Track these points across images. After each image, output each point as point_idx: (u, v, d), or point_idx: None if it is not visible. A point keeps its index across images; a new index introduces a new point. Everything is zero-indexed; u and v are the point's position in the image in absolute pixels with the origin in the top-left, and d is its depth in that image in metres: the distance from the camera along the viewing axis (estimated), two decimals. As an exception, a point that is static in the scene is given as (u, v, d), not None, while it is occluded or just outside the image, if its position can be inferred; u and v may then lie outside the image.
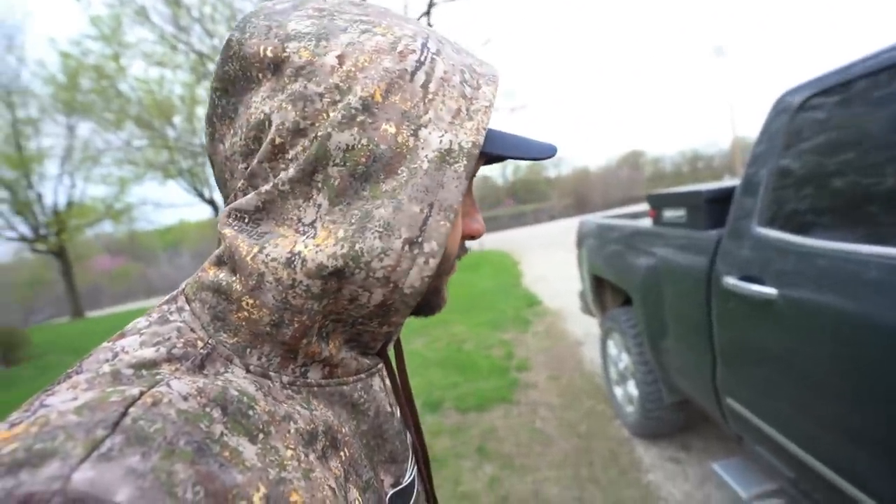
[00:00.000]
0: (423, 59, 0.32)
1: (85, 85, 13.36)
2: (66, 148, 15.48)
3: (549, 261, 9.90)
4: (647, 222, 2.48)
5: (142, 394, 0.25)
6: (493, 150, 0.35)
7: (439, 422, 3.14)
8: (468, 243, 0.43)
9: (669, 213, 2.04)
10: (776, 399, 1.34)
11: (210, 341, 0.32)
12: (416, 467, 0.46)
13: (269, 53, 0.31)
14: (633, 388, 2.49)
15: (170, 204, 33.13)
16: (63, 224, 15.24)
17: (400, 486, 0.42)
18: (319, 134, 0.30)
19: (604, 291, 2.99)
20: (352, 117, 0.30)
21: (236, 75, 0.32)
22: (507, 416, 3.10)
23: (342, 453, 0.34)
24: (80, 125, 14.74)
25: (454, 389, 3.63)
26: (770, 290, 1.29)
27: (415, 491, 0.44)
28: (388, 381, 0.45)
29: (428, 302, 0.39)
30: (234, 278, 0.32)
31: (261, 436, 0.28)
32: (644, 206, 3.17)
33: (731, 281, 1.47)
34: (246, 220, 0.32)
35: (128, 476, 0.21)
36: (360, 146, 0.30)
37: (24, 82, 15.33)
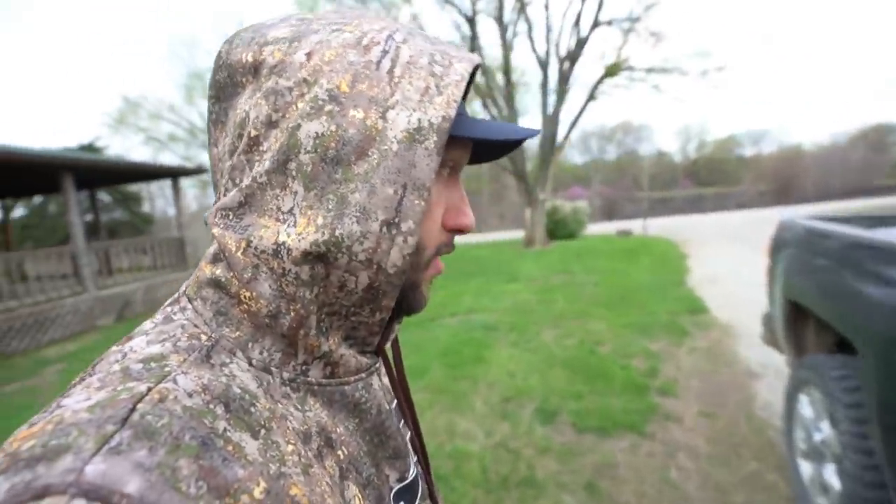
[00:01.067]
0: (387, 48, 0.33)
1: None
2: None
3: (727, 259, 8.18)
4: (903, 235, 1.58)
5: (149, 390, 0.26)
6: (464, 132, 0.35)
7: (549, 437, 2.72)
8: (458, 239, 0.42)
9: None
10: None
11: (213, 335, 0.33)
12: (418, 464, 0.47)
13: (249, 59, 0.33)
14: (832, 476, 1.70)
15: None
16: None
17: (405, 482, 0.43)
18: (290, 125, 0.31)
19: (804, 325, 2.12)
20: (319, 107, 0.31)
21: (225, 82, 0.34)
22: (633, 451, 2.52)
23: (340, 452, 0.35)
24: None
25: (576, 401, 3.14)
26: None
27: (420, 487, 0.45)
28: (385, 379, 0.46)
29: (406, 298, 0.39)
30: (230, 274, 0.34)
31: (262, 431, 0.29)
32: (891, 203, 2.12)
33: None
34: (230, 217, 0.34)
35: (136, 469, 0.22)
36: (329, 133, 0.31)
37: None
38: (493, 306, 6.06)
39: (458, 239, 0.42)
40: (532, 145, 13.67)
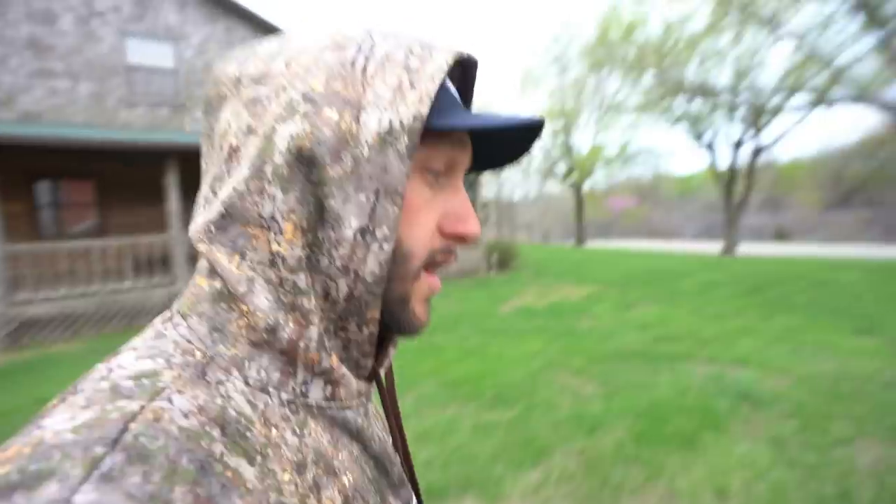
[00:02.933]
0: (362, 45, 0.32)
1: (612, 38, 15.26)
2: (596, 100, 18.88)
3: None
4: None
5: (142, 408, 0.25)
6: (445, 125, 0.33)
7: None
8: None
9: None
10: None
11: (208, 352, 0.32)
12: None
13: (234, 72, 0.34)
14: None
15: (665, 151, 34.75)
16: (575, 166, 19.25)
17: None
18: (266, 130, 0.31)
19: None
20: (293, 109, 0.31)
21: (212, 96, 0.35)
22: None
23: (345, 478, 0.34)
24: (607, 79, 17.18)
25: None
26: None
27: None
28: (380, 408, 0.46)
29: (396, 316, 0.36)
30: (227, 288, 0.33)
31: (258, 458, 0.28)
32: None
33: None
34: (213, 231, 0.33)
35: (129, 500, 0.21)
36: (303, 132, 0.30)
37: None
38: None
39: None
40: None
